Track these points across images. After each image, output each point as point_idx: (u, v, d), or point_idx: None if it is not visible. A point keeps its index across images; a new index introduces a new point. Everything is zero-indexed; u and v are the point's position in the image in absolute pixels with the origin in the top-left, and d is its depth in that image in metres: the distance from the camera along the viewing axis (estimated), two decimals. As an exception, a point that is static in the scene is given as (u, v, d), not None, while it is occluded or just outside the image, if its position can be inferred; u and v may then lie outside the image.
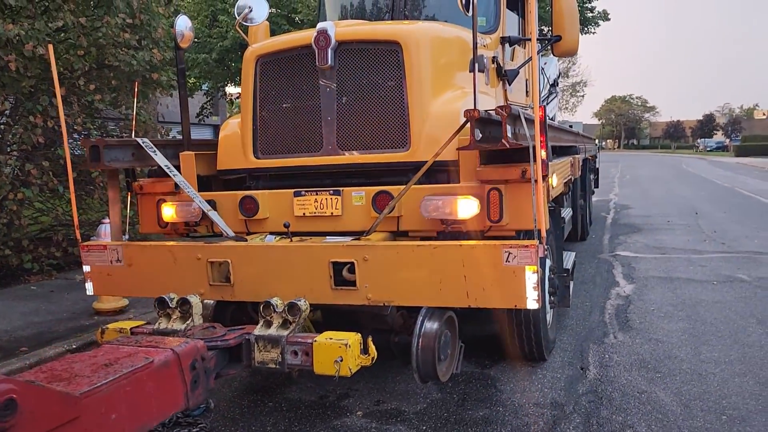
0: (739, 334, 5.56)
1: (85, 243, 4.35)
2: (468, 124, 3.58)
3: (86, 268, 4.27)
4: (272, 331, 3.47)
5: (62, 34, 8.60)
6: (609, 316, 6.28)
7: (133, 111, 6.57)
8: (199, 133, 5.03)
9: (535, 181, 3.37)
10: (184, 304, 3.62)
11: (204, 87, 20.31)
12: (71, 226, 9.11)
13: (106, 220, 6.65)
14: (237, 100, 24.76)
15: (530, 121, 3.57)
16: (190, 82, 18.53)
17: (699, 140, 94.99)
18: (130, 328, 3.68)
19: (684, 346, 5.28)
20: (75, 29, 7.93)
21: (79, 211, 9.14)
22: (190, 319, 3.60)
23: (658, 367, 4.83)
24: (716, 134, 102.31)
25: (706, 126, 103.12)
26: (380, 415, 4.18)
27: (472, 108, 3.44)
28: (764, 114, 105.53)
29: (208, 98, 21.74)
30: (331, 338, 3.35)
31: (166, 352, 2.85)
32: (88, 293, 4.35)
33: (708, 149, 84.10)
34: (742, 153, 60.04)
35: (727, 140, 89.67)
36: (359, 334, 3.43)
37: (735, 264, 8.64)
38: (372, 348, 3.45)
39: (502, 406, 4.26)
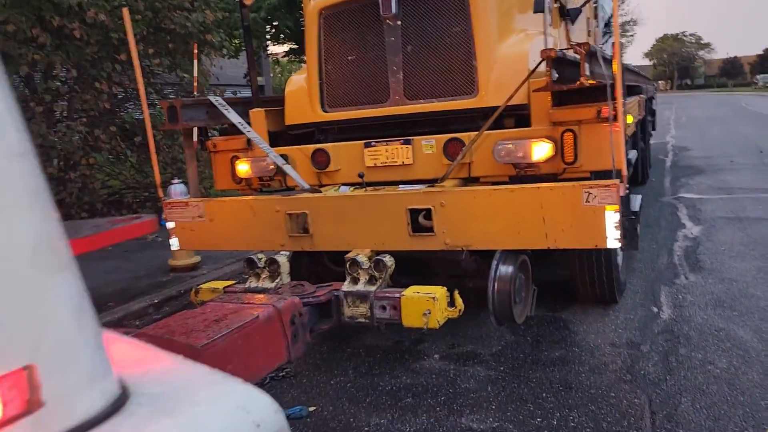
0: (818, 271, 5.42)
1: (168, 201, 4.54)
2: (539, 66, 3.55)
3: (170, 225, 4.45)
4: (360, 287, 3.58)
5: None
6: (678, 258, 6.19)
7: (194, 72, 6.69)
8: (245, 94, 5.10)
9: (614, 119, 3.33)
10: (272, 263, 3.77)
11: (249, 47, 20.31)
12: (137, 188, 9.48)
13: (175, 181, 6.89)
14: (282, 60, 24.77)
15: (606, 60, 3.51)
16: (236, 43, 18.63)
17: (758, 76, 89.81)
18: (223, 288, 3.83)
19: (760, 284, 5.18)
20: (132, -6, 8.06)
21: (144, 174, 9.52)
22: (278, 278, 3.75)
23: (735, 305, 4.77)
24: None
25: (767, 61, 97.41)
26: (457, 358, 4.30)
27: (548, 48, 3.39)
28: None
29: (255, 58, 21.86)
30: (418, 292, 3.41)
31: (268, 308, 2.99)
32: (173, 249, 4.57)
33: (768, 85, 79.54)
34: (806, 87, 56.66)
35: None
36: (445, 288, 3.48)
37: (808, 202, 8.32)
38: (459, 300, 3.49)
39: (577, 346, 4.31)
